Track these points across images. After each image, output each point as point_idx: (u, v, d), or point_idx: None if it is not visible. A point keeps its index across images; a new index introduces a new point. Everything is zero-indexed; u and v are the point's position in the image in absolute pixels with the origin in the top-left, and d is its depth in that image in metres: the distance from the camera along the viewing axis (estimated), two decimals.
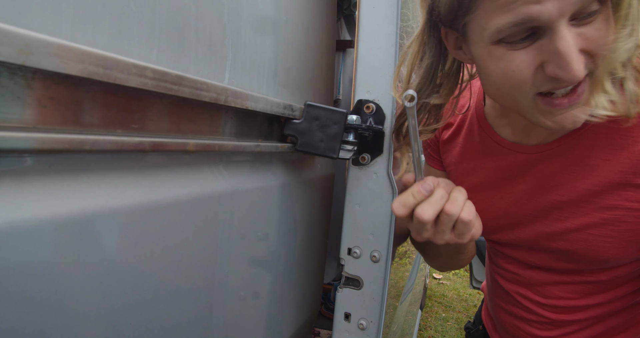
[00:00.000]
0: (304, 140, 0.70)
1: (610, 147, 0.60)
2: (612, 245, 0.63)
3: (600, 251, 0.64)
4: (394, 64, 0.72)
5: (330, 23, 0.94)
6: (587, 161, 0.62)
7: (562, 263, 0.71)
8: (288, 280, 0.78)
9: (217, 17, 0.52)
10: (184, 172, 0.49)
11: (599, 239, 0.64)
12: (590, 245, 0.65)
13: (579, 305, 0.73)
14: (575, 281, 0.72)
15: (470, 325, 1.11)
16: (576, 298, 0.73)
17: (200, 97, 0.46)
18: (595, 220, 0.63)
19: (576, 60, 0.48)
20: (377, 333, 0.76)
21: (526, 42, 0.51)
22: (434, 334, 3.22)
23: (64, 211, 0.34)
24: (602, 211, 0.62)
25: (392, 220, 0.75)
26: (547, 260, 0.73)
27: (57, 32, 0.32)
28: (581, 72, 0.49)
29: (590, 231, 0.64)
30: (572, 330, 0.76)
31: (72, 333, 0.36)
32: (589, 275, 0.70)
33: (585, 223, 0.64)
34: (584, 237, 0.65)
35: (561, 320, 0.75)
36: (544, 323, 0.77)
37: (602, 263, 0.66)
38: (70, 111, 0.35)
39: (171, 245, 0.46)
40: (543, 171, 0.68)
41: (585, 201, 0.64)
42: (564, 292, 0.74)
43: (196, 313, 0.52)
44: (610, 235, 0.63)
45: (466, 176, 0.80)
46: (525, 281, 0.78)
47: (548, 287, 0.75)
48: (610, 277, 0.69)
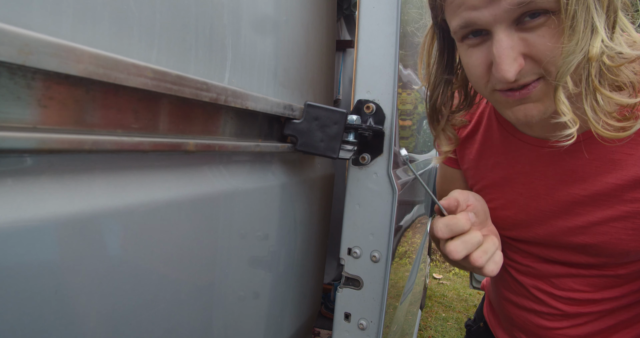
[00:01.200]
0: (304, 140, 0.70)
1: (634, 141, 0.60)
2: (634, 237, 0.63)
3: (621, 244, 0.64)
4: (394, 64, 0.72)
5: (330, 23, 0.94)
6: (610, 155, 0.62)
7: (582, 257, 0.71)
8: (288, 280, 0.78)
9: (217, 17, 0.52)
10: (184, 172, 0.49)
11: (620, 231, 0.64)
12: (612, 238, 0.65)
13: (593, 298, 0.73)
14: (593, 275, 0.72)
15: (471, 323, 1.11)
16: (592, 291, 0.73)
17: (200, 97, 0.46)
18: (618, 213, 0.63)
19: (507, 62, 0.52)
20: (377, 333, 0.76)
21: (479, 41, 0.56)
22: (434, 334, 3.22)
23: (64, 211, 0.34)
24: (625, 204, 0.63)
25: (392, 220, 0.75)
26: (566, 255, 0.72)
27: (57, 32, 0.32)
28: (510, 73, 0.52)
29: (613, 224, 0.64)
30: (582, 322, 0.76)
31: (72, 333, 0.36)
32: (607, 269, 0.70)
33: (608, 216, 0.64)
34: (606, 230, 0.65)
35: (573, 313, 0.75)
36: (556, 314, 0.77)
37: (623, 256, 0.66)
38: (70, 111, 0.35)
39: (171, 245, 0.46)
40: (564, 166, 0.67)
41: (608, 194, 0.64)
42: (580, 285, 0.74)
43: (196, 313, 0.52)
44: (632, 227, 0.63)
45: (485, 173, 0.80)
46: (540, 273, 0.78)
47: (564, 279, 0.75)
48: (628, 271, 0.69)
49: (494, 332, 0.98)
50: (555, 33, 0.50)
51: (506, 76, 0.52)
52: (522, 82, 0.54)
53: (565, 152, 0.67)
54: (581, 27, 0.48)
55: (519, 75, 0.54)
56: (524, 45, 0.52)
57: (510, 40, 0.52)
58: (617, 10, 0.51)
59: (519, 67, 0.52)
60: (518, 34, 0.52)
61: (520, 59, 0.52)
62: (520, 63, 0.52)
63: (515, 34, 0.52)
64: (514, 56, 0.52)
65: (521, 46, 0.52)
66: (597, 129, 0.53)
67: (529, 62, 0.53)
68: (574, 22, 0.48)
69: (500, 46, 0.52)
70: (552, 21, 0.50)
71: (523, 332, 0.86)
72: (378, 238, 0.75)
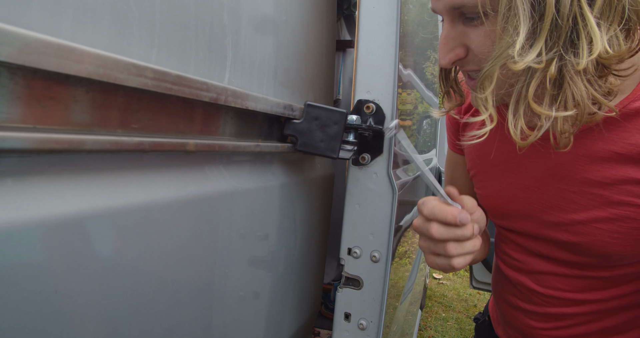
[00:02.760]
0: (304, 140, 0.70)
1: (625, 141, 0.60)
2: (618, 241, 0.62)
3: (605, 247, 0.64)
4: (394, 64, 0.72)
5: (330, 23, 0.94)
6: (600, 153, 0.62)
7: (566, 254, 0.70)
8: (288, 280, 0.78)
9: (217, 17, 0.52)
10: (184, 172, 0.49)
11: (605, 234, 0.63)
12: (596, 239, 0.64)
13: (575, 299, 0.73)
14: (575, 275, 0.72)
15: (479, 316, 1.12)
16: (574, 291, 0.73)
17: (200, 97, 0.46)
18: (605, 214, 0.63)
19: (443, 50, 0.57)
20: (377, 333, 0.76)
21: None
22: (434, 334, 3.22)
23: (64, 211, 0.34)
24: (612, 206, 0.62)
25: (392, 220, 0.75)
26: (551, 250, 0.72)
27: (57, 32, 0.32)
28: (444, 60, 0.57)
29: (597, 225, 0.64)
30: (567, 324, 0.75)
31: (72, 333, 0.36)
32: (590, 271, 0.70)
33: (593, 217, 0.64)
34: (590, 230, 0.64)
35: (557, 313, 0.75)
36: (539, 314, 0.77)
37: (606, 258, 0.66)
38: (70, 111, 0.35)
39: (171, 245, 0.46)
40: (554, 159, 0.67)
41: (595, 193, 0.63)
42: (563, 284, 0.73)
43: (196, 313, 0.52)
44: (617, 230, 0.62)
45: (480, 158, 0.80)
46: (525, 268, 0.78)
47: (547, 277, 0.75)
48: (611, 275, 0.69)
49: (495, 327, 0.99)
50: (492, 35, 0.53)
51: (441, 63, 0.57)
52: (465, 69, 0.59)
53: None
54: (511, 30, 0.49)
55: (460, 63, 0.58)
56: (465, 38, 0.56)
57: (453, 30, 0.56)
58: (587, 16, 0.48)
59: (454, 56, 0.57)
60: (463, 26, 0.55)
61: (458, 50, 0.56)
62: (457, 53, 0.57)
63: (461, 26, 0.56)
64: (452, 46, 0.57)
65: (463, 37, 0.56)
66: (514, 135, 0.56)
67: (471, 54, 0.57)
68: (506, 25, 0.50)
69: (441, 35, 0.57)
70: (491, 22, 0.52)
71: (514, 330, 0.86)
72: (378, 238, 0.75)
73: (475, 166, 0.82)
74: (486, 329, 1.04)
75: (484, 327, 1.06)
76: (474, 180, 0.84)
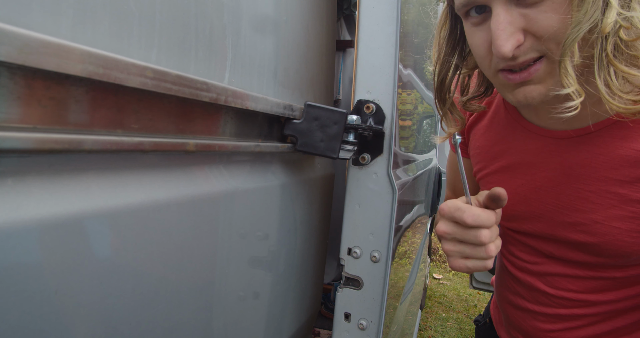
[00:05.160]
0: (304, 140, 0.70)
1: None
2: (637, 240, 0.61)
3: (624, 247, 0.62)
4: (394, 64, 0.72)
5: (330, 23, 0.94)
6: (618, 151, 0.60)
7: (580, 255, 0.69)
8: (288, 280, 0.78)
9: (217, 17, 0.52)
10: (184, 172, 0.49)
11: (624, 233, 0.62)
12: (614, 239, 0.63)
13: (588, 300, 0.72)
14: (588, 276, 0.70)
15: (480, 318, 1.11)
16: (586, 293, 0.72)
17: (200, 97, 0.46)
18: (624, 213, 0.61)
19: (502, 37, 0.51)
20: (377, 333, 0.76)
21: (481, 19, 0.56)
22: (434, 334, 3.22)
23: (64, 211, 0.34)
24: (631, 205, 0.60)
25: (392, 220, 0.75)
26: (564, 251, 0.71)
27: (57, 32, 0.32)
28: (506, 48, 0.50)
29: (616, 225, 0.62)
30: (576, 325, 0.74)
31: (72, 333, 0.36)
32: (603, 271, 0.69)
33: (612, 216, 0.62)
34: (608, 230, 0.63)
35: (567, 314, 0.74)
36: (549, 315, 0.76)
37: (624, 258, 0.64)
38: (70, 111, 0.35)
39: (171, 245, 0.46)
40: (569, 158, 0.65)
41: (614, 192, 0.62)
42: (575, 285, 0.72)
43: (196, 313, 0.52)
44: (637, 230, 0.61)
45: (490, 160, 0.78)
46: (535, 270, 0.77)
47: (558, 279, 0.74)
48: (625, 275, 0.67)
49: (497, 329, 0.98)
50: (558, 7, 0.49)
51: (501, 51, 0.51)
52: (522, 60, 0.53)
53: (570, 144, 0.65)
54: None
55: (519, 52, 0.52)
56: (524, 20, 0.51)
57: (509, 15, 0.51)
58: None
59: (516, 42, 0.51)
60: (518, 9, 0.51)
61: (518, 35, 0.51)
62: (518, 39, 0.51)
63: (515, 9, 0.51)
64: (512, 31, 0.51)
65: (521, 21, 0.51)
66: (612, 103, 0.51)
67: (529, 39, 0.52)
68: None
69: (497, 21, 0.51)
70: None
71: (519, 332, 0.85)
72: (378, 238, 0.75)
73: (483, 167, 0.81)
74: (487, 331, 1.03)
75: (485, 329, 1.05)
76: (480, 182, 0.83)
